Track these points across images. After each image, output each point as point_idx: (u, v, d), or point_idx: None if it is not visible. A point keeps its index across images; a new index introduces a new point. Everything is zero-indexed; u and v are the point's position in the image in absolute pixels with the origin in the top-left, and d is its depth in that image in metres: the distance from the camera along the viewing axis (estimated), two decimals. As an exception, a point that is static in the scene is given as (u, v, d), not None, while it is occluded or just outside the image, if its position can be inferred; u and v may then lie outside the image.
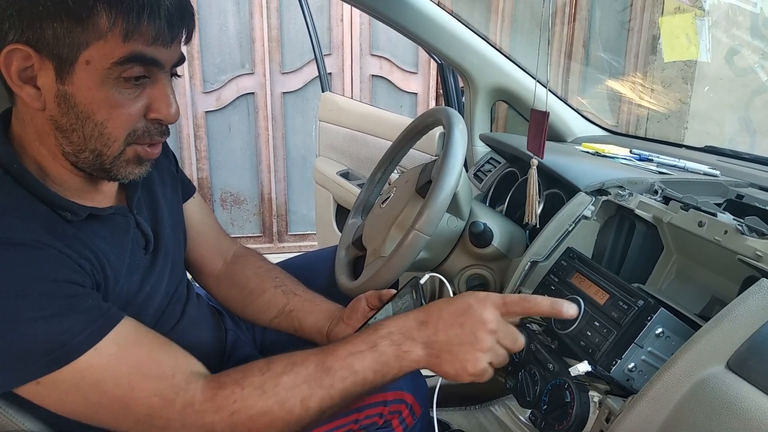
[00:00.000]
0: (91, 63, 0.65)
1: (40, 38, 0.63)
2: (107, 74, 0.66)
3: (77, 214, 0.72)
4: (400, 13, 1.41)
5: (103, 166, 0.72)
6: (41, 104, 0.67)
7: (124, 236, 0.79)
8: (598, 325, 0.76)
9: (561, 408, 0.76)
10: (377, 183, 1.25)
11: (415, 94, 3.38)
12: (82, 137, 0.69)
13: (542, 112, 0.95)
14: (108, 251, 0.74)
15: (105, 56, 0.65)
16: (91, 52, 0.64)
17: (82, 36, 0.64)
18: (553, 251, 0.98)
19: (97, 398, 0.66)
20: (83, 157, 0.70)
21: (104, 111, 0.68)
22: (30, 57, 0.64)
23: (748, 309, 0.65)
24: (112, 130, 0.69)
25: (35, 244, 0.64)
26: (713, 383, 0.62)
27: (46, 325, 0.63)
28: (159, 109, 0.71)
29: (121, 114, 0.69)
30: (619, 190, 0.98)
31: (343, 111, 2.16)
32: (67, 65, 0.65)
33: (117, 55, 0.65)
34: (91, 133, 0.68)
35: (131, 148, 0.72)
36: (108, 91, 0.67)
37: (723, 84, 3.02)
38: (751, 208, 0.93)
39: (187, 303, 0.94)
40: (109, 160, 0.71)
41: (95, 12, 0.63)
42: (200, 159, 3.22)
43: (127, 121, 0.70)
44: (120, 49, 0.65)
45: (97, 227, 0.75)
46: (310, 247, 3.40)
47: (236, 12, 3.07)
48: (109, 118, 0.68)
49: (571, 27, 3.34)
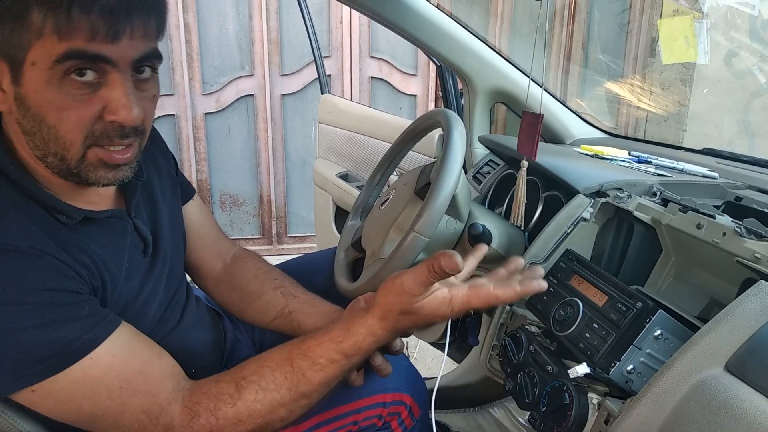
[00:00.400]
0: (36, 63, 0.63)
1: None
2: (51, 74, 0.63)
3: (72, 217, 0.71)
4: (400, 15, 1.41)
5: (70, 171, 0.69)
6: (8, 107, 0.66)
7: (122, 240, 0.79)
8: (597, 327, 0.76)
9: (560, 410, 0.76)
10: (376, 185, 1.25)
11: (414, 96, 3.38)
12: (42, 140, 0.67)
13: (536, 114, 0.95)
14: (104, 255, 0.74)
15: (45, 55, 0.62)
16: (34, 52, 0.62)
17: (24, 36, 0.62)
18: (551, 253, 0.98)
19: (90, 408, 0.67)
20: (50, 161, 0.68)
21: (54, 113, 0.65)
22: None
23: (746, 311, 0.65)
24: (65, 133, 0.66)
25: (32, 252, 0.64)
26: (712, 385, 0.62)
27: (42, 333, 0.63)
28: (115, 111, 0.66)
29: (71, 116, 0.65)
30: (617, 192, 0.98)
31: (343, 113, 2.16)
32: (17, 66, 0.63)
33: (55, 53, 0.62)
34: (48, 136, 0.66)
35: (92, 152, 0.68)
36: (54, 92, 0.64)
37: (722, 86, 3.03)
38: (750, 210, 0.93)
39: (186, 305, 0.94)
40: (73, 164, 0.68)
41: (29, 9, 0.61)
42: (199, 161, 3.22)
43: (77, 123, 0.66)
44: (57, 47, 0.62)
45: (93, 231, 0.74)
46: (310, 249, 3.40)
47: (236, 14, 3.07)
48: (60, 121, 0.65)
49: (570, 29, 3.35)
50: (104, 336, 0.67)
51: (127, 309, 0.78)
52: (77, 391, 0.65)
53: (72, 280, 0.67)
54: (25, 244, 0.64)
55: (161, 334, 0.85)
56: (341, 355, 0.75)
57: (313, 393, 0.74)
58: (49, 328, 0.63)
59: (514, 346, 0.91)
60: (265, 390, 0.72)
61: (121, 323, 0.71)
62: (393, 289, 0.75)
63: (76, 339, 0.65)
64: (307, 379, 0.73)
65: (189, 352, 0.91)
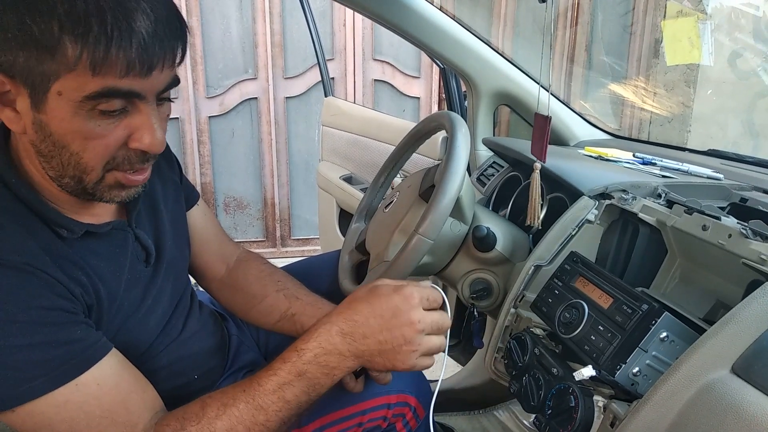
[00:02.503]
0: (63, 94, 0.62)
1: (13, 65, 0.61)
2: (79, 106, 0.62)
3: (73, 231, 0.71)
4: (403, 18, 1.41)
5: (85, 191, 0.70)
6: (21, 128, 0.65)
7: (122, 252, 0.78)
8: (603, 330, 0.76)
9: (565, 413, 0.76)
10: (380, 187, 1.25)
11: (418, 98, 3.38)
12: (60, 164, 0.67)
13: (545, 116, 0.95)
14: (103, 269, 0.74)
15: (76, 89, 0.61)
16: (62, 83, 0.61)
17: (52, 66, 0.60)
18: (556, 255, 0.98)
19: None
20: (65, 182, 0.69)
21: (78, 142, 0.65)
22: (5, 83, 0.62)
23: (752, 313, 0.65)
24: (89, 160, 0.66)
25: (26, 268, 0.64)
26: (718, 387, 0.62)
27: (32, 354, 0.62)
28: (141, 139, 0.67)
29: (97, 145, 0.66)
30: (622, 193, 0.98)
31: (346, 115, 2.16)
32: (40, 94, 0.62)
33: (88, 90, 0.61)
34: (68, 161, 0.66)
35: (111, 175, 0.69)
36: (81, 122, 0.63)
37: (726, 87, 3.02)
38: (755, 211, 0.93)
39: (189, 311, 0.94)
40: (90, 186, 0.69)
41: (62, 42, 0.59)
42: (203, 164, 3.23)
43: (103, 151, 0.66)
44: (91, 83, 0.61)
45: (93, 244, 0.74)
46: (314, 252, 3.41)
47: (239, 17, 3.08)
48: (85, 149, 0.65)
49: (574, 31, 3.34)
50: (93, 362, 0.67)
51: (129, 320, 0.78)
52: (57, 416, 0.64)
53: (65, 299, 0.66)
54: (20, 260, 0.64)
55: (164, 342, 0.85)
56: (293, 351, 0.72)
57: (269, 406, 0.70)
58: (38, 350, 0.63)
59: (519, 348, 0.91)
60: (225, 405, 0.70)
61: (111, 350, 0.70)
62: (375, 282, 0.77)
63: (63, 363, 0.64)
64: (261, 388, 0.71)
65: (192, 358, 0.91)
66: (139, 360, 0.80)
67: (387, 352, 0.73)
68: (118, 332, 0.76)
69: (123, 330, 0.77)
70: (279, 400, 0.70)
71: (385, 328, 0.72)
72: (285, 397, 0.71)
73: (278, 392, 0.70)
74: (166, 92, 0.69)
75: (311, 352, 0.72)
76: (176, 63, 0.67)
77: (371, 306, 0.73)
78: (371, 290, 0.76)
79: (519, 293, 0.98)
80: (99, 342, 0.69)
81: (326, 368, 0.72)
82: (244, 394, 0.70)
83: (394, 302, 0.73)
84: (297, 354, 0.72)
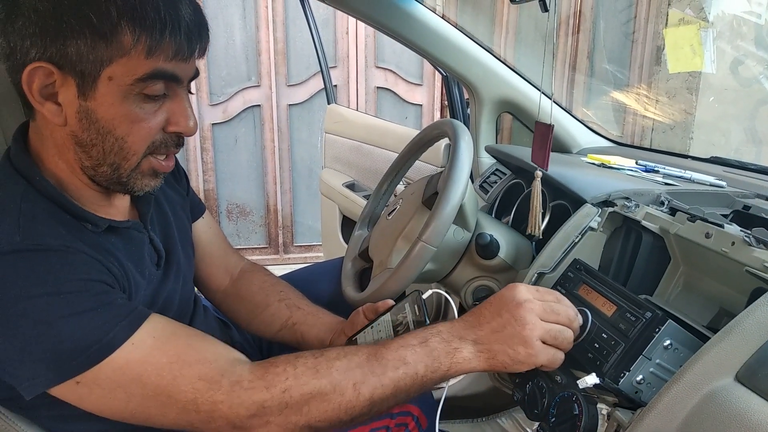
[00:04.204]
0: (114, 79, 0.65)
1: (63, 55, 0.63)
2: (129, 90, 0.66)
3: (97, 225, 0.73)
4: (405, 26, 1.42)
5: (120, 180, 0.73)
6: (62, 120, 0.68)
7: (140, 250, 0.80)
8: (606, 337, 0.76)
9: (569, 421, 0.76)
10: (383, 194, 1.26)
11: (420, 105, 3.39)
12: (102, 152, 0.69)
13: (547, 124, 0.96)
14: (128, 263, 0.75)
15: (127, 72, 0.65)
16: (114, 68, 0.65)
17: (105, 52, 0.64)
18: (559, 263, 0.98)
19: (140, 391, 0.65)
20: (101, 171, 0.71)
21: (125, 126, 0.68)
22: (52, 74, 0.65)
23: (756, 321, 0.65)
24: (132, 144, 0.70)
25: (65, 249, 0.65)
26: (722, 396, 0.62)
27: (81, 322, 0.63)
28: (178, 123, 0.72)
29: (141, 129, 0.69)
30: (625, 201, 0.98)
31: (349, 123, 2.17)
32: (90, 81, 0.65)
33: (140, 72, 0.66)
34: (111, 147, 0.69)
35: (146, 161, 0.73)
36: (129, 106, 0.68)
37: (728, 94, 3.02)
38: (758, 219, 0.93)
39: (193, 317, 0.95)
40: (126, 174, 0.72)
41: (119, 29, 0.63)
42: (206, 171, 3.24)
43: (147, 135, 0.70)
44: (143, 66, 0.65)
45: (115, 240, 0.76)
46: (316, 259, 3.41)
47: (242, 25, 3.10)
48: (130, 133, 0.69)
49: (576, 38, 3.35)
50: (141, 320, 0.67)
51: None
52: (124, 376, 0.64)
53: (104, 274, 0.68)
54: (58, 243, 0.65)
55: None
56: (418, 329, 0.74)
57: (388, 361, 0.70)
58: (85, 317, 0.63)
59: (523, 356, 0.91)
60: (346, 352, 0.71)
61: (154, 313, 0.70)
62: None
63: (115, 324, 0.65)
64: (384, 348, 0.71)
65: None
66: None
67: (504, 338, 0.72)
68: None
69: None
70: (399, 359, 0.70)
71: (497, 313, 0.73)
72: (405, 357, 0.70)
73: (400, 351, 0.71)
74: (192, 82, 0.75)
75: (435, 329, 0.73)
76: (203, 53, 0.72)
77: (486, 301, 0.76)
78: None
79: (522, 301, 0.98)
80: (140, 307, 0.70)
81: (448, 345, 0.72)
82: (367, 348, 0.72)
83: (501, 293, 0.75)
84: (422, 329, 0.74)
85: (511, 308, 0.72)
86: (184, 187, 0.99)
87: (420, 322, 0.81)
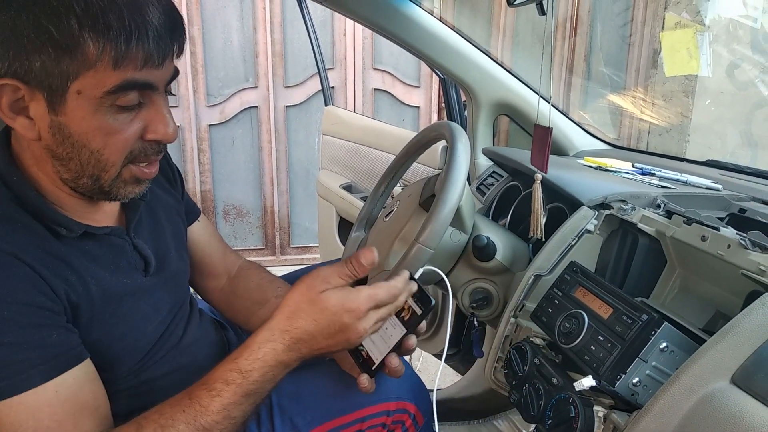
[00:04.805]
0: (83, 93, 0.63)
1: (28, 70, 0.61)
2: (100, 102, 0.64)
3: (72, 230, 0.71)
4: (403, 28, 1.42)
5: (102, 190, 0.71)
6: (36, 134, 0.66)
7: (119, 257, 0.78)
8: (602, 340, 0.76)
9: (565, 423, 0.76)
10: (380, 196, 1.26)
11: (417, 107, 3.40)
12: (79, 164, 0.68)
13: (546, 127, 0.96)
14: (98, 271, 0.73)
15: (96, 85, 0.62)
16: (82, 82, 0.62)
17: (70, 66, 0.61)
18: (556, 265, 0.98)
19: None
20: (82, 183, 0.70)
21: (99, 138, 0.66)
22: (19, 89, 0.62)
23: (752, 323, 0.65)
24: (109, 156, 0.68)
25: (10, 259, 0.63)
26: (718, 398, 0.62)
27: (1, 352, 0.61)
28: (156, 130, 0.69)
29: (117, 141, 0.67)
30: (621, 204, 0.99)
31: (346, 124, 2.17)
32: (58, 96, 0.63)
33: (109, 84, 0.63)
34: (88, 160, 0.67)
35: (127, 169, 0.71)
36: (102, 118, 0.65)
37: (724, 98, 3.03)
38: (754, 222, 0.93)
39: (189, 320, 0.94)
40: (107, 183, 0.70)
41: (82, 41, 0.60)
42: (203, 172, 3.24)
43: (123, 146, 0.68)
44: (111, 78, 0.62)
45: (90, 246, 0.74)
46: (313, 260, 3.40)
47: (240, 27, 3.10)
48: (106, 145, 0.67)
49: (573, 42, 3.36)
50: (60, 371, 0.65)
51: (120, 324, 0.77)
52: (6, 417, 0.62)
53: (46, 296, 0.65)
54: (8, 249, 0.63)
55: (164, 349, 0.85)
56: (236, 373, 0.69)
57: (214, 426, 0.67)
58: (9, 349, 0.61)
59: (519, 358, 0.91)
60: (163, 427, 0.66)
61: (83, 362, 0.68)
62: (304, 280, 0.73)
63: (31, 367, 0.63)
64: (203, 409, 0.67)
65: (193, 366, 0.91)
66: (139, 367, 0.80)
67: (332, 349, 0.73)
68: (113, 336, 0.75)
69: (118, 334, 0.76)
70: (225, 419, 0.68)
71: (331, 338, 0.71)
72: (231, 415, 0.68)
73: (224, 412, 0.68)
74: (170, 84, 0.72)
75: (258, 372, 0.69)
76: (180, 54, 0.69)
77: (317, 323, 0.71)
78: (314, 302, 0.71)
79: (519, 303, 0.98)
80: (73, 350, 0.67)
81: (273, 381, 0.71)
82: (185, 415, 0.67)
83: (341, 320, 0.71)
84: (242, 376, 0.69)
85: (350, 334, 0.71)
86: (179, 191, 0.98)
87: (425, 301, 0.79)
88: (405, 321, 0.80)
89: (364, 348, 0.82)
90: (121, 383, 0.78)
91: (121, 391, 0.78)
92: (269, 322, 0.72)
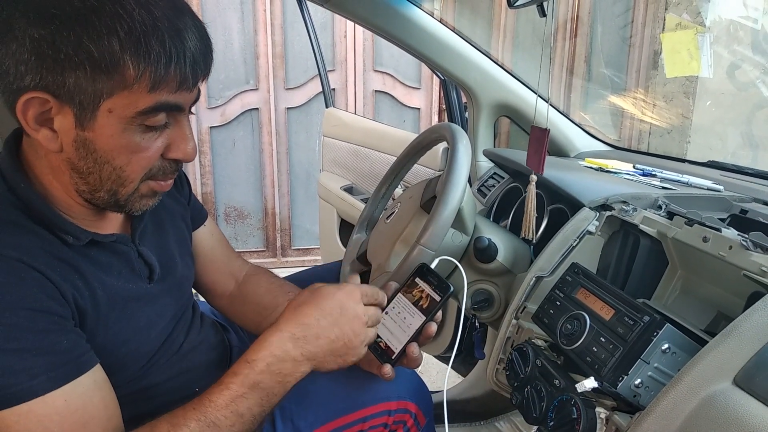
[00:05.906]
0: (114, 111, 0.63)
1: (61, 85, 0.61)
2: (130, 122, 0.64)
3: (79, 238, 0.71)
4: (403, 30, 1.42)
5: (118, 203, 0.71)
6: (58, 146, 0.66)
7: (125, 264, 0.78)
8: (604, 341, 0.76)
9: (568, 424, 0.76)
10: (381, 198, 1.26)
11: (418, 109, 3.40)
12: (99, 179, 0.68)
13: (543, 128, 0.96)
14: (104, 277, 0.73)
15: (128, 105, 0.63)
16: (115, 101, 0.62)
17: (106, 85, 0.61)
18: (557, 266, 0.98)
19: None
20: (98, 196, 0.70)
21: (124, 156, 0.67)
22: (48, 102, 0.62)
23: (754, 325, 0.65)
24: (130, 173, 0.69)
25: (18, 265, 0.63)
26: (720, 399, 0.62)
27: (10, 359, 0.61)
28: (179, 149, 0.71)
29: (140, 159, 0.68)
30: (623, 205, 0.99)
31: (347, 126, 2.17)
32: (89, 112, 0.63)
33: (142, 105, 0.63)
34: (109, 176, 0.68)
35: (145, 184, 0.72)
36: (130, 137, 0.66)
37: (725, 99, 3.03)
38: (755, 223, 0.93)
39: (191, 325, 0.94)
40: (123, 198, 0.71)
41: (122, 63, 0.60)
42: (204, 174, 3.24)
43: (145, 164, 0.69)
44: (145, 99, 0.63)
45: (96, 253, 0.74)
46: (314, 262, 3.41)
47: (241, 29, 3.10)
48: (129, 163, 0.67)
49: (573, 43, 3.37)
50: (69, 378, 0.65)
51: (124, 331, 0.77)
52: (15, 425, 0.61)
53: (55, 301, 0.65)
54: (15, 255, 0.63)
55: (166, 355, 0.85)
56: (244, 363, 0.71)
57: (222, 421, 0.68)
58: (18, 356, 0.61)
59: (521, 359, 0.91)
60: (175, 426, 0.67)
61: (93, 368, 0.68)
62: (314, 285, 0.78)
63: (39, 374, 0.62)
64: (212, 403, 0.68)
65: (194, 371, 0.91)
66: (142, 373, 0.80)
67: (339, 349, 0.75)
68: (117, 341, 0.75)
69: (122, 339, 0.76)
70: (232, 415, 0.69)
71: (335, 324, 0.74)
72: (238, 410, 0.69)
73: (231, 406, 0.68)
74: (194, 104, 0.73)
75: (263, 362, 0.71)
76: (208, 76, 0.71)
77: (318, 307, 0.74)
78: (314, 293, 0.77)
79: (520, 304, 0.98)
80: (82, 357, 0.67)
81: (280, 376, 0.72)
82: (195, 412, 0.68)
83: (339, 299, 0.75)
84: (249, 365, 0.70)
85: (352, 322, 0.75)
86: (185, 197, 0.97)
87: (443, 288, 0.83)
88: (423, 309, 0.82)
89: (381, 339, 0.84)
90: (124, 389, 0.78)
91: (123, 397, 0.78)
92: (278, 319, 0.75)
